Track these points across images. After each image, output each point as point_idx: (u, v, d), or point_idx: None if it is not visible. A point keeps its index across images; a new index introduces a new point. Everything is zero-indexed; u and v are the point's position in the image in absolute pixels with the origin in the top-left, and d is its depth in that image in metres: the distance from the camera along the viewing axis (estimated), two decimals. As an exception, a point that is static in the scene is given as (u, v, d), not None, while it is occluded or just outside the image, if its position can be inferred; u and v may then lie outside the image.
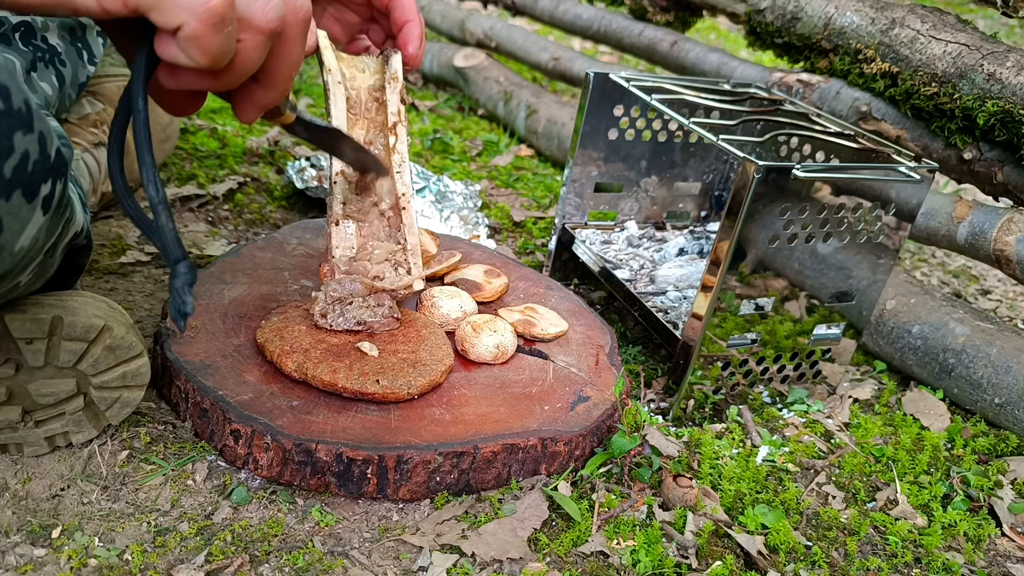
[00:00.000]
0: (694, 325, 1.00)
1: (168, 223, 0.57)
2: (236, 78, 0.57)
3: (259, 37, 0.56)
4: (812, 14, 1.47)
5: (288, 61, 0.61)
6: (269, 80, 0.62)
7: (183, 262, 0.57)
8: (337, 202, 0.94)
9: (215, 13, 0.50)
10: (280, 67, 0.61)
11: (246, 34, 0.55)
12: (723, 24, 4.10)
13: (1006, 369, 1.08)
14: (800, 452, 1.02)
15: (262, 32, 0.56)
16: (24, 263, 0.66)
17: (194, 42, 0.51)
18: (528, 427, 0.86)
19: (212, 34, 0.51)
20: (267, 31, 0.56)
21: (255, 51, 0.56)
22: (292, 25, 0.59)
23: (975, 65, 1.19)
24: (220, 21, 0.51)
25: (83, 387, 0.80)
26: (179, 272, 0.57)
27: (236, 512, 0.79)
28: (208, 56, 0.52)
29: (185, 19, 0.50)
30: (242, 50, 0.56)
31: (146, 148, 0.56)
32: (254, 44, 0.56)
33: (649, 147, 1.33)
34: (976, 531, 0.92)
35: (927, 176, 1.00)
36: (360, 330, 0.93)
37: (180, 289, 0.57)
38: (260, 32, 0.55)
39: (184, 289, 0.57)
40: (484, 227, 1.49)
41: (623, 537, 0.82)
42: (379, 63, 0.95)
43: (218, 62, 0.53)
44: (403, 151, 0.96)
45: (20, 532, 0.73)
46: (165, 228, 0.57)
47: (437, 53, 2.39)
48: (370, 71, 0.95)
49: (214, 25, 0.50)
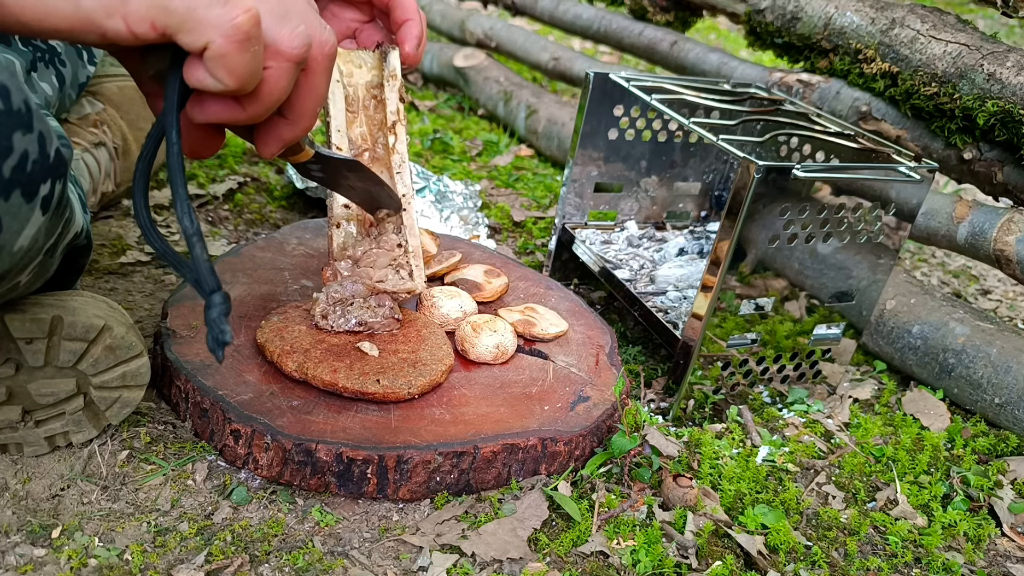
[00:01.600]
0: (694, 325, 1.00)
1: (203, 254, 0.56)
2: (264, 107, 0.57)
3: (285, 64, 0.56)
4: (812, 14, 1.47)
5: (313, 94, 0.61)
6: (294, 114, 0.62)
7: (218, 292, 0.57)
8: (338, 204, 0.94)
9: (240, 30, 0.50)
10: (305, 101, 0.61)
11: (273, 61, 0.55)
12: (723, 24, 4.10)
13: (1006, 369, 1.08)
14: (800, 452, 1.02)
15: (289, 59, 0.55)
16: (23, 263, 0.66)
17: (221, 61, 0.51)
18: (528, 427, 0.86)
19: (239, 52, 0.51)
20: (294, 58, 0.56)
21: (282, 78, 0.56)
22: (318, 59, 0.59)
23: (975, 65, 1.19)
24: (246, 38, 0.51)
25: (83, 387, 0.80)
26: (215, 303, 0.56)
27: (236, 512, 0.79)
28: (235, 77, 0.52)
29: (211, 37, 0.50)
30: (269, 77, 0.56)
31: (180, 180, 0.55)
32: (280, 71, 0.56)
33: (649, 147, 1.33)
34: (976, 531, 0.92)
35: (927, 176, 1.00)
36: (361, 331, 0.93)
37: (217, 320, 0.56)
38: (287, 59, 0.55)
39: (221, 319, 0.56)
40: (484, 227, 1.49)
41: (623, 537, 0.82)
42: (376, 59, 0.95)
43: (245, 84, 0.53)
44: (402, 151, 0.95)
45: (20, 532, 0.73)
46: (200, 259, 0.56)
47: (437, 53, 2.39)
48: (367, 67, 0.94)
49: (240, 42, 0.50)
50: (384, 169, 0.96)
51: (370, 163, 0.95)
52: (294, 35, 0.55)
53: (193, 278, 0.57)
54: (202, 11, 0.49)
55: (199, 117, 0.57)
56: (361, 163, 0.84)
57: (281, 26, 0.55)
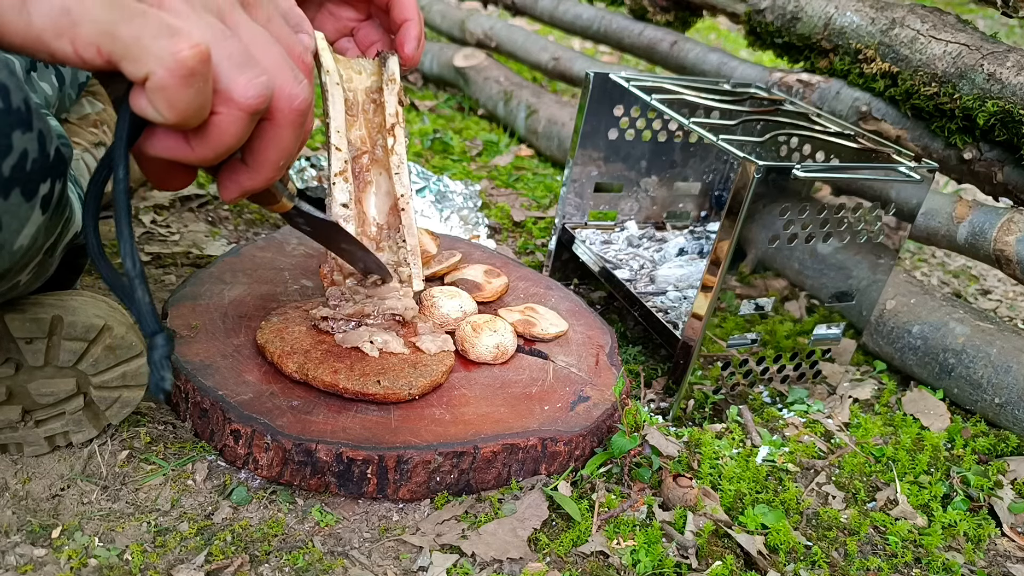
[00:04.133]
0: (694, 325, 1.00)
1: (144, 296, 0.55)
2: (213, 152, 0.55)
3: (236, 112, 0.53)
4: (812, 14, 1.47)
5: (276, 147, 0.59)
6: (255, 163, 0.59)
7: (160, 335, 0.55)
8: (336, 203, 0.94)
9: (184, 65, 0.48)
10: (267, 151, 0.59)
11: (223, 107, 0.53)
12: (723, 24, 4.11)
13: (1006, 369, 1.08)
14: (800, 452, 1.02)
15: (240, 108, 0.53)
16: (23, 262, 0.66)
17: (161, 93, 0.49)
18: (528, 427, 0.86)
19: (180, 87, 0.49)
20: (246, 108, 0.53)
21: (231, 126, 0.54)
22: (284, 111, 0.57)
23: (975, 65, 1.20)
24: (189, 74, 0.48)
25: (83, 387, 0.80)
26: (156, 344, 0.55)
27: (236, 512, 0.79)
28: (175, 111, 0.50)
29: (153, 68, 0.48)
30: (219, 123, 0.53)
31: (124, 217, 0.53)
32: (231, 119, 0.53)
33: (649, 147, 1.33)
34: (976, 531, 0.92)
35: (927, 176, 1.00)
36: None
37: (158, 363, 0.55)
38: (238, 107, 0.53)
39: (162, 363, 0.55)
40: (484, 227, 1.49)
41: (623, 537, 0.83)
42: (376, 65, 0.95)
43: (187, 120, 0.51)
44: (401, 152, 0.96)
45: (20, 532, 0.73)
46: (141, 302, 0.55)
47: (437, 53, 2.39)
48: (367, 73, 0.95)
49: (183, 77, 0.48)
50: (383, 170, 0.96)
51: (369, 165, 0.96)
52: (250, 84, 0.53)
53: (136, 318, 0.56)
54: (147, 40, 0.47)
55: (148, 151, 0.55)
56: (341, 227, 0.83)
57: (239, 73, 0.52)
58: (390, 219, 0.98)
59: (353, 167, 0.94)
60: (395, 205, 0.97)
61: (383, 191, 0.96)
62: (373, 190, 0.96)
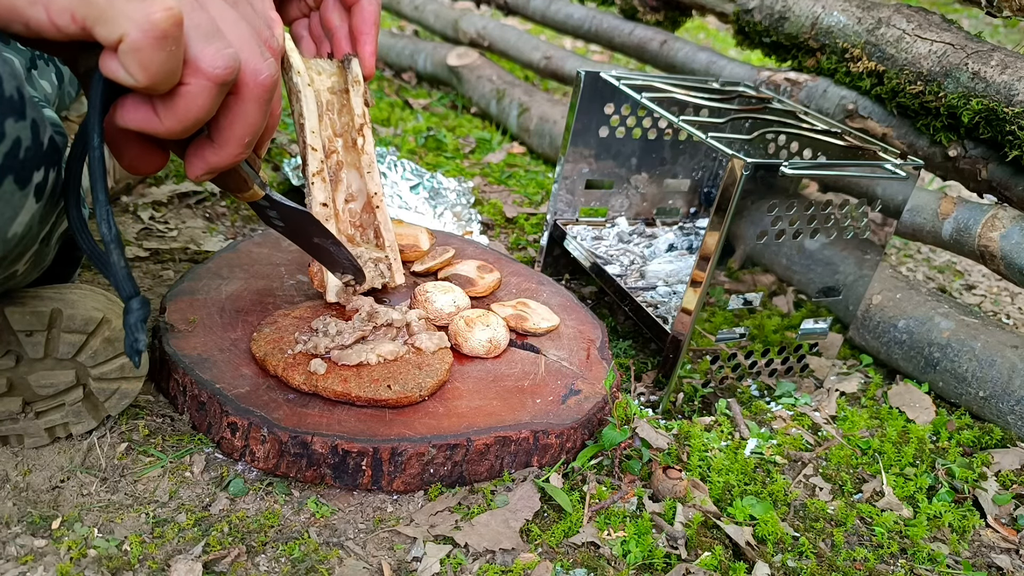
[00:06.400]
0: (683, 320, 1.02)
1: (120, 260, 0.56)
2: (180, 124, 0.55)
3: (204, 82, 0.54)
4: (799, 14, 1.48)
5: (242, 122, 0.59)
6: (220, 138, 0.60)
7: (136, 298, 0.56)
8: (316, 202, 0.95)
9: (157, 26, 0.49)
10: (233, 126, 0.59)
11: (192, 78, 0.54)
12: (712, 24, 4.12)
13: (990, 363, 1.10)
14: (788, 444, 1.03)
15: (208, 78, 0.54)
16: (19, 251, 0.67)
17: (134, 55, 0.50)
18: (520, 420, 0.88)
19: (153, 48, 0.50)
20: (214, 78, 0.54)
21: (199, 97, 0.54)
22: (249, 86, 0.58)
23: (960, 64, 1.21)
24: (162, 35, 0.50)
25: (82, 378, 0.81)
26: (132, 308, 0.56)
27: (233, 503, 0.80)
28: (147, 73, 0.51)
29: (127, 29, 0.49)
30: (186, 93, 0.54)
31: (100, 185, 0.54)
32: (198, 89, 0.54)
33: (639, 145, 1.34)
34: (961, 522, 0.93)
35: (912, 173, 1.02)
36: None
37: (133, 325, 0.56)
38: (206, 78, 0.54)
39: (137, 326, 0.56)
40: (477, 223, 1.50)
41: (614, 528, 0.84)
42: (334, 65, 0.97)
43: (157, 83, 0.52)
44: (371, 152, 0.98)
45: (21, 523, 0.74)
46: (117, 266, 0.56)
47: (431, 52, 2.40)
48: (326, 74, 0.96)
49: (156, 39, 0.49)
50: (353, 169, 0.98)
51: (339, 165, 0.97)
52: (218, 55, 0.54)
53: (113, 283, 0.57)
54: (121, 3, 0.49)
55: (118, 122, 0.56)
56: (314, 217, 0.83)
57: (206, 44, 0.53)
58: (364, 217, 1.00)
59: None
60: (369, 203, 1.00)
61: (355, 190, 0.99)
62: (344, 188, 0.98)
